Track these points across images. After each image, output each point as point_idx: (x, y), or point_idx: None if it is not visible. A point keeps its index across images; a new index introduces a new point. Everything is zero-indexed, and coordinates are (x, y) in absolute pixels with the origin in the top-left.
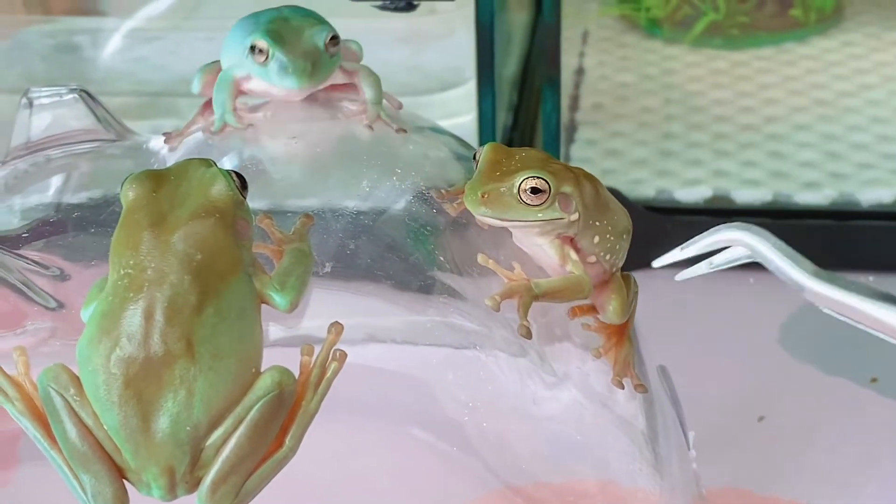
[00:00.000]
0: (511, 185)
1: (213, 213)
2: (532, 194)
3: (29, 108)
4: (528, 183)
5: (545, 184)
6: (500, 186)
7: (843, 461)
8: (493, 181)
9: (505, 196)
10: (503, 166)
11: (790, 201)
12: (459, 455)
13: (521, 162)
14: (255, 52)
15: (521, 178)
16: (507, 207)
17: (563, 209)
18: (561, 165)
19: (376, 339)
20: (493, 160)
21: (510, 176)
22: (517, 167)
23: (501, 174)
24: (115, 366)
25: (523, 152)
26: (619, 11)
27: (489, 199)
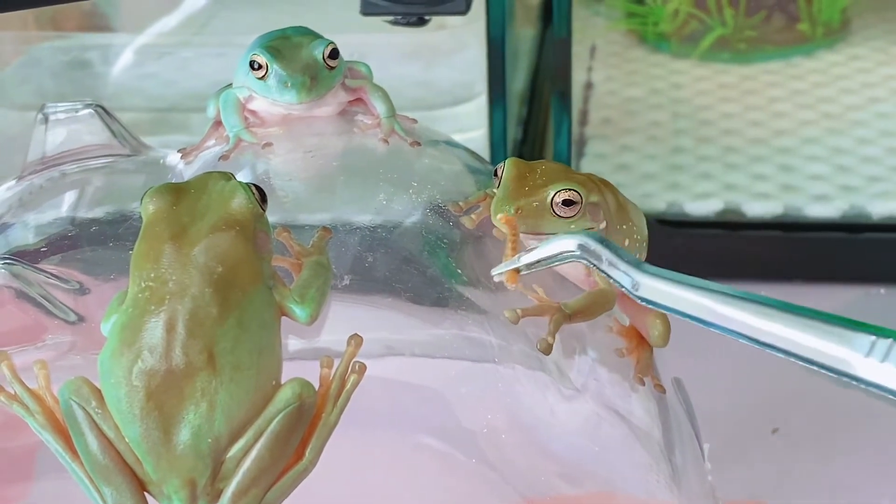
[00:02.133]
0: (543, 198)
1: (233, 226)
2: (565, 206)
3: (44, 123)
4: (560, 196)
5: (577, 195)
6: (532, 201)
7: (858, 473)
8: (524, 196)
9: (538, 210)
10: (529, 181)
11: (801, 214)
12: (477, 467)
13: (545, 175)
14: (254, 68)
15: (553, 191)
16: (541, 221)
17: (594, 219)
18: (583, 176)
19: (394, 351)
20: (518, 175)
21: (540, 190)
22: (543, 181)
23: (530, 189)
24: (136, 378)
25: (543, 165)
26: (626, 26)
27: (523, 215)
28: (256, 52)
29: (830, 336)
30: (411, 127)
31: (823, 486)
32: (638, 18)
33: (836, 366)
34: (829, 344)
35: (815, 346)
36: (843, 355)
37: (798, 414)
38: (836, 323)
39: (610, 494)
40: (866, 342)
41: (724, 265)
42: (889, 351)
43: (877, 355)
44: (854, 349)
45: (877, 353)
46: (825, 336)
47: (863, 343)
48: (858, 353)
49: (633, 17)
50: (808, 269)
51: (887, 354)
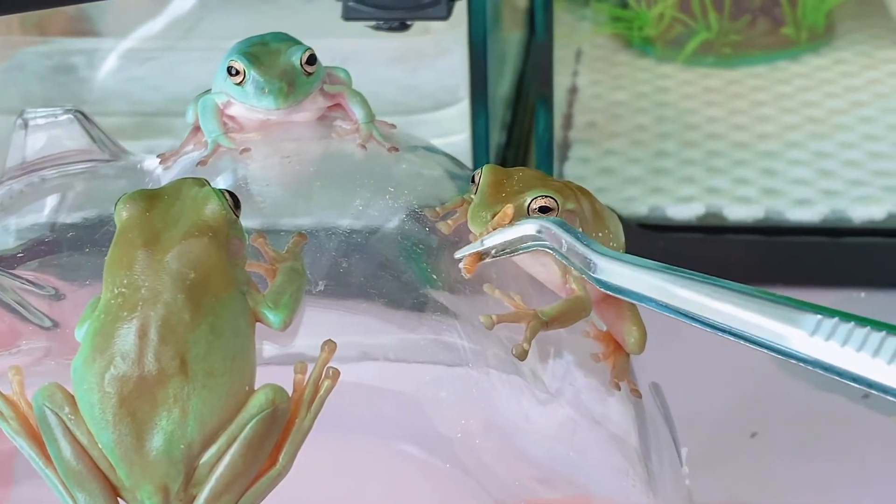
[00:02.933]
0: (520, 205)
1: (206, 232)
2: (541, 213)
3: (24, 128)
4: (537, 202)
5: (553, 202)
6: (508, 207)
7: (836, 477)
8: (500, 202)
9: (515, 217)
10: (506, 187)
11: (782, 218)
12: (452, 472)
13: (522, 182)
14: (232, 74)
15: (530, 198)
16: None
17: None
18: (560, 183)
19: (369, 356)
20: (494, 181)
21: (516, 196)
22: (520, 187)
23: (506, 195)
24: (109, 384)
25: (521, 172)
26: (612, 30)
27: (499, 221)
28: (234, 59)
29: (778, 315)
30: (390, 132)
31: (802, 489)
32: (623, 23)
33: (783, 344)
34: (776, 323)
35: (763, 325)
36: (790, 334)
37: (776, 418)
38: (784, 303)
39: (585, 498)
40: (812, 321)
41: (705, 269)
42: (834, 330)
43: (822, 334)
44: (800, 328)
45: (822, 333)
46: (772, 315)
47: (809, 322)
48: (804, 331)
49: (618, 22)
50: (790, 273)
51: (832, 333)
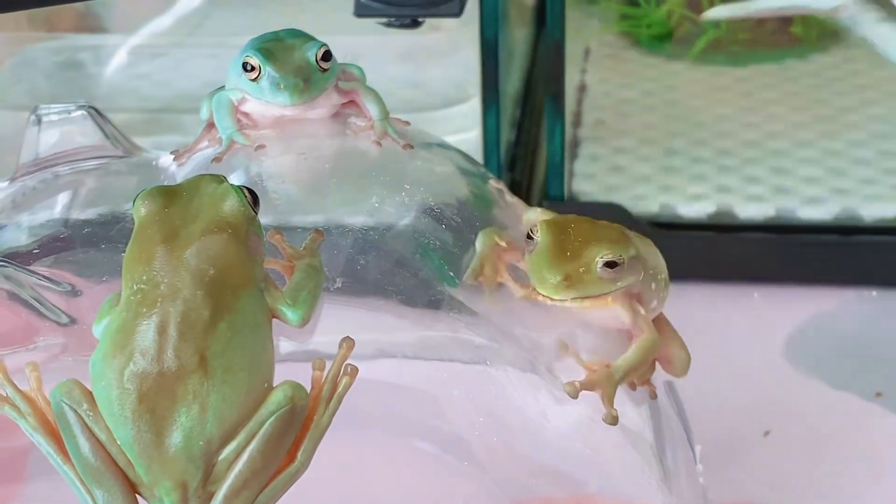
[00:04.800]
0: (588, 264)
1: (225, 229)
2: (610, 269)
3: (37, 124)
4: (605, 259)
5: (621, 257)
6: (577, 267)
7: (849, 475)
8: (567, 262)
9: (584, 275)
10: (567, 245)
11: (793, 216)
12: (469, 469)
13: (579, 236)
14: (247, 70)
15: (597, 257)
16: (589, 285)
17: (635, 272)
18: (614, 231)
19: (386, 354)
20: (555, 240)
21: (582, 255)
22: (581, 242)
23: (572, 254)
24: (128, 381)
25: (573, 224)
26: (620, 28)
27: (572, 282)
28: (249, 54)
29: None
30: (404, 129)
31: (814, 488)
32: (632, 21)
33: None
34: None
35: None
36: None
37: (789, 417)
38: None
39: (601, 497)
40: None
41: (716, 267)
42: None
43: None
44: None
45: None
46: None
47: None
48: None
49: (626, 20)
50: (800, 271)
51: None
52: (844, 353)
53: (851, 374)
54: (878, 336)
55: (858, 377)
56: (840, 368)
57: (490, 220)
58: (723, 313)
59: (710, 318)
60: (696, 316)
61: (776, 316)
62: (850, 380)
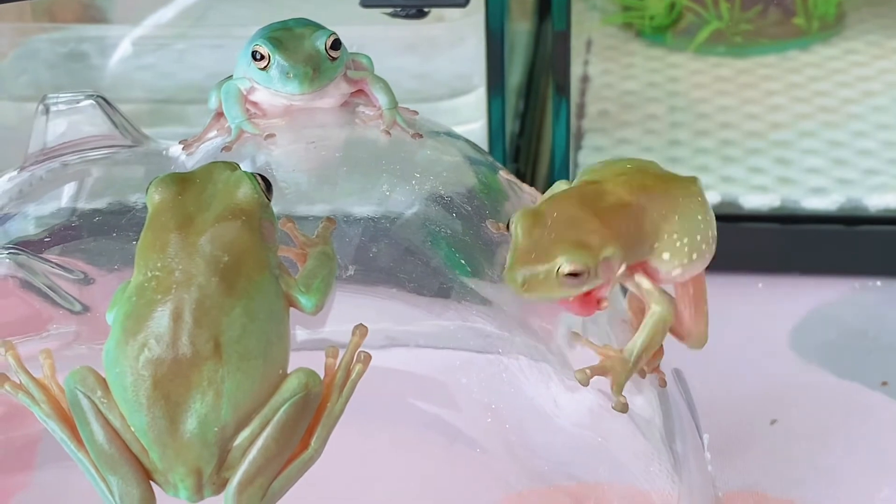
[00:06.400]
0: (549, 270)
1: (239, 216)
2: (573, 278)
3: (45, 114)
4: (566, 268)
5: (584, 266)
6: (538, 271)
7: (856, 464)
8: (530, 263)
9: (545, 282)
10: (538, 241)
11: (798, 206)
12: (480, 457)
13: (555, 230)
14: (256, 59)
15: (557, 265)
16: (550, 291)
17: (605, 274)
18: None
19: (398, 342)
20: (527, 232)
21: (546, 257)
22: (550, 242)
23: (537, 253)
24: (143, 367)
25: (555, 211)
26: (622, 20)
27: (530, 286)
28: (259, 43)
29: None
30: (413, 119)
31: (822, 476)
32: (634, 12)
33: None
34: None
35: None
36: None
37: (796, 405)
38: None
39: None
40: None
41: (721, 257)
42: None
43: None
44: None
45: None
46: None
47: None
48: None
49: (629, 11)
50: (805, 261)
51: None
52: (850, 343)
53: (857, 363)
54: (884, 325)
55: (864, 366)
56: (845, 358)
57: (499, 209)
58: (728, 304)
59: (716, 309)
60: None
61: (781, 306)
62: (855, 369)
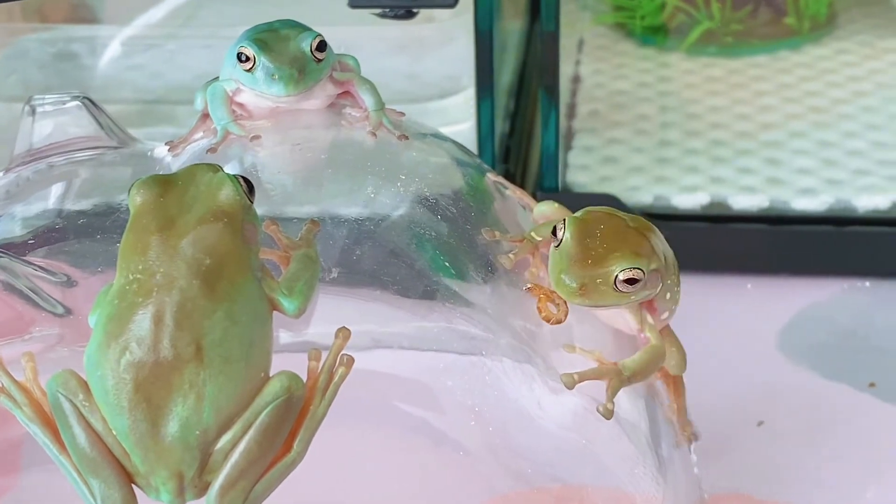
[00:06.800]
0: (606, 275)
1: (221, 218)
2: (629, 284)
3: (32, 115)
4: (625, 275)
5: (641, 273)
6: (595, 277)
7: (843, 465)
8: (587, 269)
9: (601, 286)
10: (591, 249)
11: (787, 207)
12: (464, 460)
13: (606, 241)
14: (242, 60)
15: (617, 271)
16: (604, 297)
17: (652, 286)
18: (641, 235)
19: (382, 344)
20: (580, 239)
21: (603, 263)
22: (605, 249)
23: (593, 261)
24: (124, 370)
25: (602, 224)
26: (613, 20)
27: (587, 291)
28: (244, 45)
29: None
30: (399, 120)
31: (808, 478)
32: (625, 12)
33: None
34: None
35: None
36: None
37: (783, 407)
38: None
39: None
40: None
41: (710, 258)
42: None
43: None
44: None
45: None
46: None
47: None
48: None
49: (620, 11)
50: (794, 262)
51: None
52: (838, 344)
53: (845, 364)
54: (872, 327)
55: (852, 368)
56: (834, 359)
57: (485, 212)
58: (716, 304)
59: (704, 310)
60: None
61: (770, 307)
62: (843, 370)
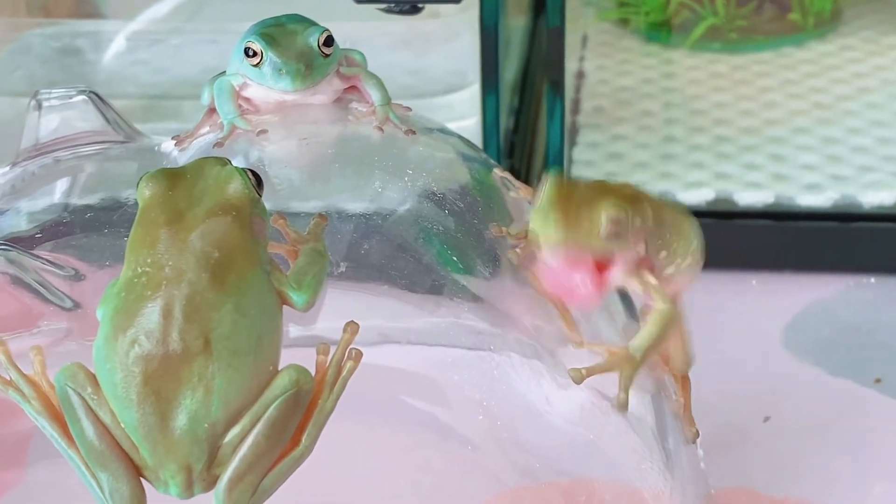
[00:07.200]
0: (592, 217)
1: (229, 211)
2: (612, 227)
3: (38, 109)
4: (609, 214)
5: (624, 214)
6: (580, 218)
7: (849, 461)
8: (571, 211)
9: (587, 229)
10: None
11: (792, 203)
12: (471, 454)
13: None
14: (249, 55)
15: (601, 212)
16: (589, 239)
17: (635, 239)
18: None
19: (389, 339)
20: (560, 192)
21: (589, 205)
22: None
23: (577, 204)
24: (133, 363)
25: (584, 184)
26: (617, 16)
27: (571, 234)
28: (251, 39)
29: None
30: (406, 115)
31: (815, 474)
32: (629, 8)
33: None
34: None
35: None
36: None
37: (789, 403)
38: None
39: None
40: None
41: (715, 254)
42: None
43: None
44: None
45: None
46: None
47: None
48: None
49: (624, 7)
50: (799, 258)
51: None
52: (843, 340)
53: (850, 360)
54: (877, 323)
55: (857, 364)
56: (839, 355)
57: (493, 207)
58: (721, 300)
59: (709, 306)
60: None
61: (775, 303)
62: (848, 366)
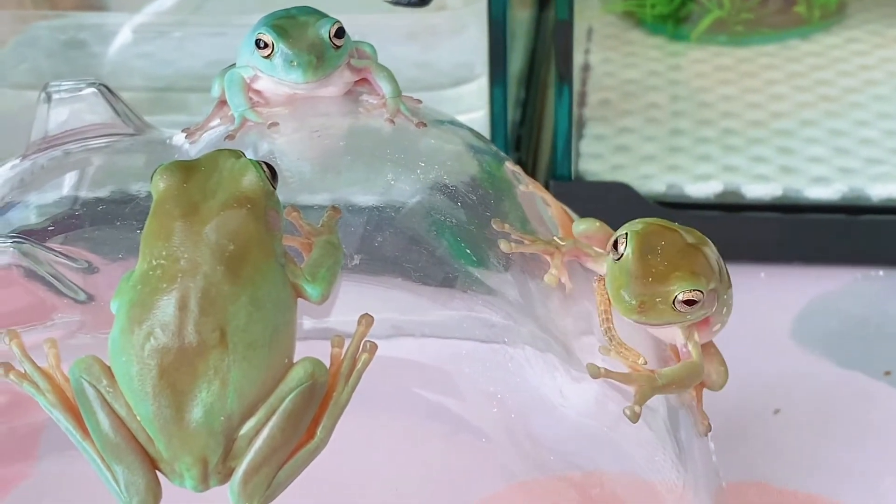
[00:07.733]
0: (666, 295)
1: (244, 204)
2: (687, 305)
3: (47, 102)
4: (684, 296)
5: (700, 295)
6: (655, 296)
7: (860, 454)
8: (647, 287)
9: (660, 306)
10: (652, 266)
11: (800, 196)
12: (485, 447)
13: (666, 258)
14: (260, 47)
15: (677, 291)
16: (662, 315)
17: (709, 306)
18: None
19: (403, 332)
20: (640, 255)
21: (664, 282)
22: (666, 267)
23: (653, 278)
24: (149, 356)
25: (662, 240)
26: (623, 8)
27: (645, 309)
28: (262, 31)
29: None
30: (416, 107)
31: (825, 466)
32: (635, 1)
33: None
34: None
35: None
36: None
37: (799, 395)
38: None
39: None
40: None
41: (723, 247)
42: None
43: None
44: None
45: None
46: None
47: None
48: None
49: (630, 0)
50: (807, 250)
51: None
52: (852, 333)
53: (859, 353)
54: (886, 315)
55: (866, 356)
56: (848, 348)
57: (504, 199)
58: None
59: None
60: None
61: (783, 296)
62: (858, 359)
